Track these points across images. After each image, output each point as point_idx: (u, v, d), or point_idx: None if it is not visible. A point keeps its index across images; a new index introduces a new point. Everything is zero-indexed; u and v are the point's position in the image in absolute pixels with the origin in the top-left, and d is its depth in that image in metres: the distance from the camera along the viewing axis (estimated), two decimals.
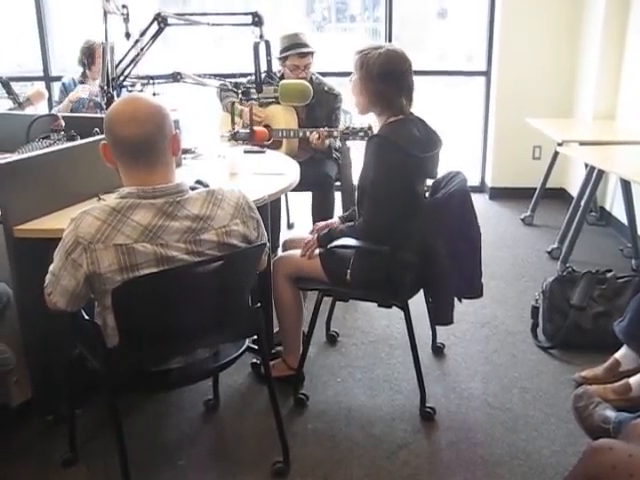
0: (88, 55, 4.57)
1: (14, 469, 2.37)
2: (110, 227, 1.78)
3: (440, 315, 2.69)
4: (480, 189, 5.75)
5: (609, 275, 3.20)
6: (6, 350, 2.25)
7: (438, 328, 3.08)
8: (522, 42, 5.23)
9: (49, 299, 1.94)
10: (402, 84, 2.52)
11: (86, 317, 2.07)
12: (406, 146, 2.45)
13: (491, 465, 2.35)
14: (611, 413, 2.27)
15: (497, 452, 2.41)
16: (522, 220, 4.98)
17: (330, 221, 2.94)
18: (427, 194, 2.67)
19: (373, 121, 2.69)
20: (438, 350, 3.11)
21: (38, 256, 2.07)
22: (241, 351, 2.21)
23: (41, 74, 5.72)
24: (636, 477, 1.54)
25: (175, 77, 3.03)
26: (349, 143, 4.00)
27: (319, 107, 3.78)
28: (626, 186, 4.18)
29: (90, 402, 2.47)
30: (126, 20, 2.90)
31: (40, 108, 3.72)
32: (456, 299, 2.63)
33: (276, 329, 2.95)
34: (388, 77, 2.50)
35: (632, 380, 2.55)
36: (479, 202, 2.64)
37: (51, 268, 1.91)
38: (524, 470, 2.32)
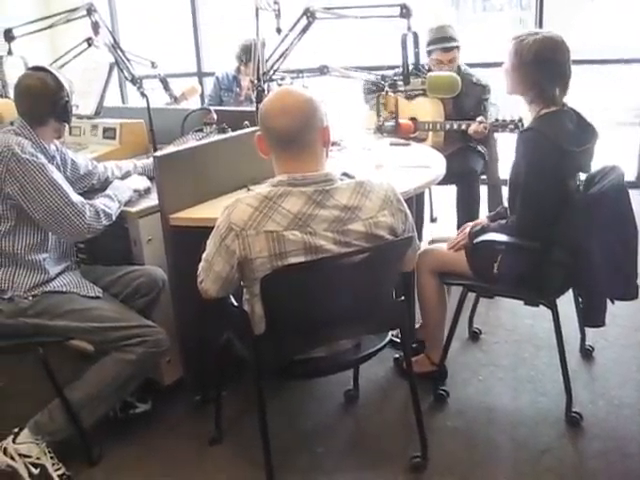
0: (247, 52, 4.72)
1: (164, 443, 2.52)
2: (262, 214, 1.84)
3: (590, 316, 2.56)
4: (636, 185, 5.39)
5: None
6: (161, 331, 2.38)
7: (587, 330, 2.94)
8: None
9: (201, 286, 2.04)
10: (558, 73, 2.41)
11: (235, 304, 2.15)
12: (560, 140, 2.33)
13: None
14: None
15: None
16: None
17: (479, 220, 2.85)
18: (581, 188, 2.54)
19: (527, 110, 2.58)
20: (587, 353, 2.96)
21: (190, 243, 2.17)
22: (383, 344, 2.21)
23: (194, 70, 5.99)
24: None
25: (322, 70, 3.06)
26: (496, 136, 3.90)
27: (466, 98, 3.70)
28: None
29: (236, 385, 2.57)
30: (277, 16, 2.97)
31: (193, 102, 3.88)
32: (608, 300, 2.48)
33: (417, 325, 2.93)
34: (543, 65, 2.38)
35: None
36: (635, 199, 2.48)
37: (204, 255, 2.00)
38: None
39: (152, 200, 2.58)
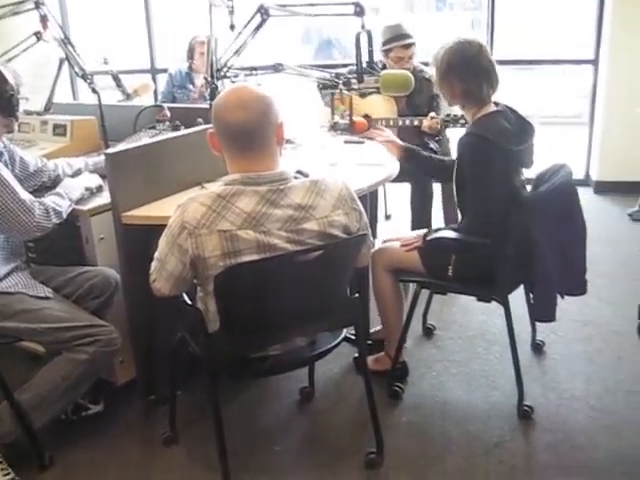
0: (189, 51, 4.80)
1: (118, 444, 2.48)
2: (215, 213, 1.83)
3: (541, 311, 2.62)
4: (585, 183, 5.52)
5: None
6: (113, 330, 2.35)
7: (538, 325, 2.99)
8: (633, 28, 4.97)
9: (153, 285, 2.02)
10: (473, 71, 2.46)
11: (189, 302, 2.14)
12: (499, 141, 2.38)
13: (592, 470, 2.26)
14: None
15: (599, 457, 2.32)
16: (630, 216, 4.75)
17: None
18: (530, 187, 2.59)
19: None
20: (537, 348, 3.02)
21: (143, 242, 2.15)
22: (338, 341, 2.22)
23: (147, 67, 5.92)
24: None
25: (276, 68, 3.06)
26: (448, 133, 3.95)
27: (419, 95, 3.74)
28: None
29: (191, 384, 2.55)
30: (231, 12, 2.95)
31: (146, 99, 3.84)
32: (558, 295, 2.54)
33: (374, 328, 2.96)
34: (457, 68, 2.47)
35: None
36: (583, 196, 2.54)
37: (156, 255, 1.98)
38: (628, 478, 2.22)
39: (104, 198, 2.54)
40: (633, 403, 2.61)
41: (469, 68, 2.46)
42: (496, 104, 2.52)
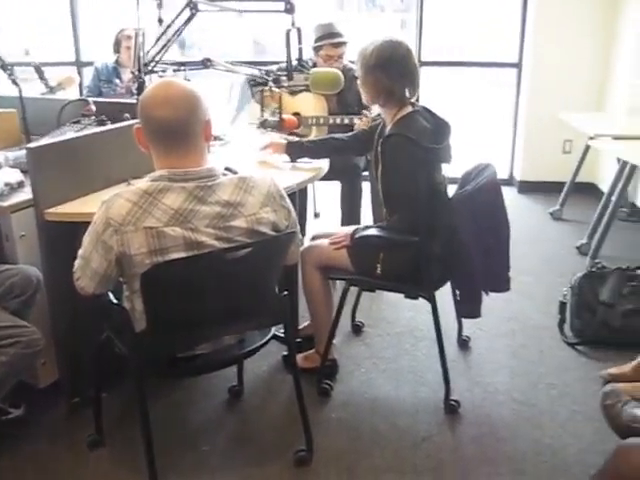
0: (115, 44, 4.71)
1: (40, 449, 2.40)
2: (141, 210, 1.80)
3: (467, 308, 2.68)
4: (509, 182, 5.69)
5: None
6: (35, 331, 2.26)
7: (464, 321, 3.06)
8: (555, 34, 5.14)
9: (77, 284, 1.97)
10: (401, 71, 2.52)
11: (114, 301, 2.09)
12: (421, 140, 2.44)
13: (515, 461, 2.33)
14: None
15: (521, 448, 2.39)
16: (551, 214, 4.92)
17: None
18: (456, 186, 2.64)
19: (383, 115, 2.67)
20: (464, 343, 3.09)
21: (67, 240, 2.09)
22: (266, 339, 2.21)
23: (72, 59, 5.76)
24: None
25: (205, 63, 3.02)
26: None
27: (349, 93, 3.77)
28: None
29: (117, 386, 2.49)
30: (159, 6, 2.90)
31: (71, 93, 3.74)
32: (483, 292, 2.60)
33: (302, 324, 2.97)
34: (384, 66, 2.51)
35: None
36: (507, 195, 2.61)
37: (80, 252, 1.93)
38: (548, 467, 2.30)
39: (26, 194, 2.45)
40: (554, 396, 2.70)
41: (397, 67, 2.50)
42: (413, 105, 2.57)
